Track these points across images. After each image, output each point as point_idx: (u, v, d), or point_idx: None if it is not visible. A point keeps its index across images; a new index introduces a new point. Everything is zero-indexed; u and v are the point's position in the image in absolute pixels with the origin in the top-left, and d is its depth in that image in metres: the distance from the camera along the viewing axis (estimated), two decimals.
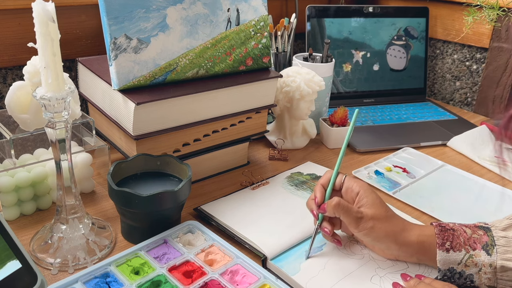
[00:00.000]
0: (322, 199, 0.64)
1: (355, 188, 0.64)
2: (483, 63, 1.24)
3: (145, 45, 0.70)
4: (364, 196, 0.63)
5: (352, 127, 0.67)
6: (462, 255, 0.59)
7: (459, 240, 0.60)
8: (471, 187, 0.86)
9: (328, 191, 0.65)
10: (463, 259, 0.59)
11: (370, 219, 0.61)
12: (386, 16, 1.25)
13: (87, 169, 0.77)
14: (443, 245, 0.59)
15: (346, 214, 0.61)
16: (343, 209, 0.61)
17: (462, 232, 0.61)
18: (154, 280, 0.58)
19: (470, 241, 0.60)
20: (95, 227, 0.67)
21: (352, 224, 0.61)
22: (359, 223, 0.61)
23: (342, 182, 0.65)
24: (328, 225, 0.64)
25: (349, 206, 0.62)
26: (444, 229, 0.61)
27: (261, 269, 0.60)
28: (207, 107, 0.77)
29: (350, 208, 0.61)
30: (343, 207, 0.61)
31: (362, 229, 0.61)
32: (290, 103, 0.92)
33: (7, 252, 0.55)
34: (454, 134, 1.07)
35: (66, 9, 0.90)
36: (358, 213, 0.61)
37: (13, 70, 0.91)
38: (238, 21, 0.79)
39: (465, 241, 0.60)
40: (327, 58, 1.02)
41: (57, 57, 0.55)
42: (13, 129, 0.72)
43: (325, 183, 0.66)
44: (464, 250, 0.59)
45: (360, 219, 0.61)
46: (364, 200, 0.63)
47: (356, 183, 0.64)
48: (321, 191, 0.65)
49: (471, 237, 0.60)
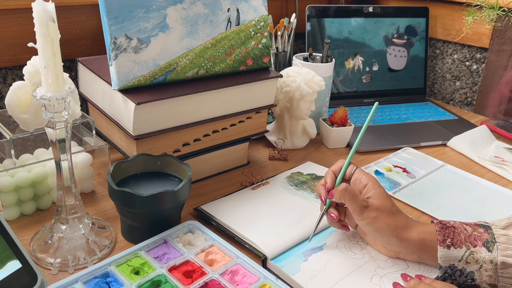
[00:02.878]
0: (332, 185, 0.66)
1: (364, 180, 0.65)
2: (483, 63, 1.24)
3: (145, 45, 0.70)
4: (372, 188, 0.64)
5: (371, 116, 0.67)
6: (463, 251, 0.59)
7: (460, 237, 0.60)
8: (471, 187, 0.86)
9: (339, 179, 0.66)
10: (464, 255, 0.59)
11: (375, 209, 0.61)
12: (386, 16, 1.25)
13: (87, 169, 0.77)
14: (444, 241, 0.60)
15: (352, 200, 0.62)
16: (349, 195, 0.62)
17: (463, 229, 0.61)
18: (154, 280, 0.58)
19: (470, 238, 0.60)
20: (95, 227, 0.67)
21: (356, 211, 0.62)
22: (364, 211, 0.61)
23: (352, 172, 0.66)
24: (335, 211, 0.65)
25: (356, 193, 0.62)
26: (445, 226, 0.61)
27: (261, 269, 0.60)
28: (207, 107, 0.77)
29: (357, 195, 0.62)
30: (350, 193, 0.62)
31: (366, 217, 0.61)
32: (290, 103, 0.92)
33: (7, 252, 0.55)
34: (454, 134, 1.07)
35: (66, 9, 0.90)
36: (364, 202, 0.62)
37: (13, 70, 0.91)
38: (238, 21, 0.79)
39: (465, 238, 0.60)
40: (327, 58, 1.02)
41: (57, 57, 0.54)
42: (13, 129, 0.72)
43: (336, 171, 0.67)
44: (465, 246, 0.59)
45: (365, 207, 0.62)
46: (371, 192, 0.63)
47: (365, 176, 0.65)
48: (332, 177, 0.66)
49: (472, 234, 0.60)
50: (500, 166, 0.94)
